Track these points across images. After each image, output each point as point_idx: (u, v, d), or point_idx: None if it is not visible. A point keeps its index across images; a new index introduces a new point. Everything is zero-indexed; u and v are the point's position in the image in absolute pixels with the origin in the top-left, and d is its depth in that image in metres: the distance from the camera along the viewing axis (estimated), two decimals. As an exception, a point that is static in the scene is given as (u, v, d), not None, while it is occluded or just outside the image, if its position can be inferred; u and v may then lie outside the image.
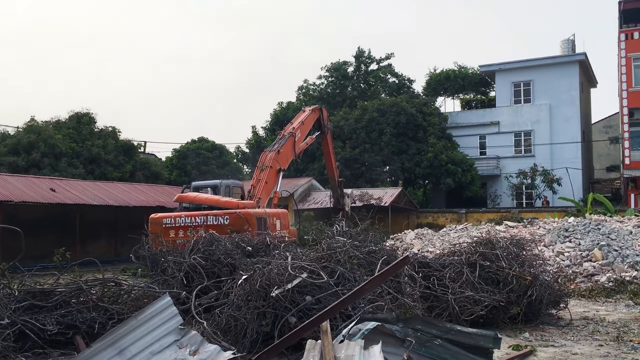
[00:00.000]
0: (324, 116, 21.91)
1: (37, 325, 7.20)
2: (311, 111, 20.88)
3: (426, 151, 34.46)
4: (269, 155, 17.70)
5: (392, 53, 42.78)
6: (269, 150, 18.13)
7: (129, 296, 8.35)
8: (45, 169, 26.77)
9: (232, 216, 14.25)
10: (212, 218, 14.29)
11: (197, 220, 14.37)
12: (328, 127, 22.44)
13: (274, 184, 17.62)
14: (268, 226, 14.72)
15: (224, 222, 14.10)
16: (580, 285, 12.80)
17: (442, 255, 9.64)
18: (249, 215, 14.32)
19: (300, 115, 20.76)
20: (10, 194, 20.26)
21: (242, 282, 7.39)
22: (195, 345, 5.77)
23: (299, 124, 19.76)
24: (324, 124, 21.80)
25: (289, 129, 19.43)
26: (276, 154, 17.77)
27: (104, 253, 24.71)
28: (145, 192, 27.07)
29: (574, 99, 37.07)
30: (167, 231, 14.35)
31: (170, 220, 14.64)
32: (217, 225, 13.95)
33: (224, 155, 39.96)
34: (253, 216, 14.41)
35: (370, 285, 5.91)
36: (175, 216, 14.77)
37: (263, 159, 17.78)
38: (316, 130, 21.37)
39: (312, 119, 20.85)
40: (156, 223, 14.76)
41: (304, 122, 20.10)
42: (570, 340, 7.86)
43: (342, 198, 23.56)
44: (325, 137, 22.28)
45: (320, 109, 21.99)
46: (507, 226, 18.85)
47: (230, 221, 14.08)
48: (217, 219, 14.22)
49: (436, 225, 29.02)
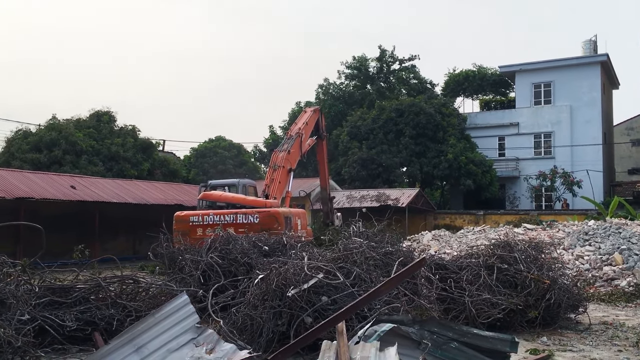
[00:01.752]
0: (322, 119, 21.87)
1: (57, 321, 7.28)
2: (312, 112, 20.95)
3: (445, 152, 34.23)
4: (281, 155, 17.88)
5: (416, 55, 42.34)
6: (280, 150, 18.30)
7: (146, 294, 8.42)
8: (66, 165, 27.15)
9: (262, 215, 14.35)
10: (241, 217, 14.35)
11: (227, 218, 14.43)
12: (324, 133, 22.33)
13: (286, 184, 17.81)
14: (292, 225, 14.82)
15: (254, 221, 14.18)
16: (599, 290, 12.63)
17: (459, 257, 9.57)
18: (278, 214, 14.42)
19: (304, 115, 20.82)
20: (31, 190, 20.56)
21: (259, 281, 7.41)
22: (212, 343, 5.80)
23: (304, 124, 19.84)
24: (321, 128, 21.71)
25: (295, 129, 19.59)
26: (287, 154, 17.95)
27: (122, 250, 24.96)
28: (164, 190, 27.30)
29: (595, 100, 36.60)
30: (195, 229, 14.41)
31: (197, 218, 14.68)
32: (247, 223, 14.07)
33: (242, 154, 40.14)
34: (282, 215, 14.50)
35: (386, 287, 5.90)
36: (203, 214, 14.81)
37: (274, 159, 17.97)
38: (314, 134, 21.12)
39: (314, 120, 20.89)
40: (182, 221, 14.80)
41: (308, 122, 20.16)
42: (589, 345, 7.76)
43: (332, 213, 22.70)
44: (321, 143, 22.07)
45: (320, 110, 21.98)
46: (526, 229, 18.66)
47: (260, 220, 14.18)
48: (247, 218, 14.31)
49: (453, 227, 28.85)
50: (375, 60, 42.35)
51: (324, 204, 22.73)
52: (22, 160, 26.96)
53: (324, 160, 22.70)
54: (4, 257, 7.65)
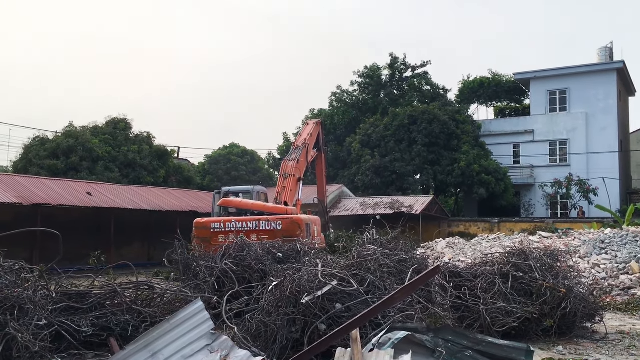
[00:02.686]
0: (322, 133, 22.30)
1: (73, 326, 7.33)
2: (315, 124, 21.46)
3: (459, 160, 34.10)
4: (290, 164, 18.46)
5: (428, 61, 42.22)
6: (289, 159, 18.89)
7: (161, 300, 8.46)
8: (83, 172, 27.43)
9: (285, 222, 14.44)
10: (264, 223, 14.44)
11: (249, 225, 14.50)
12: (324, 146, 22.79)
13: (296, 192, 18.20)
14: (310, 232, 14.91)
15: (276, 228, 14.28)
16: (616, 299, 12.49)
17: (473, 265, 9.52)
18: (300, 221, 14.51)
19: (307, 127, 21.37)
20: (48, 197, 20.80)
21: (273, 288, 7.43)
22: (226, 350, 5.82)
23: (308, 135, 20.40)
24: (322, 140, 22.17)
25: (300, 140, 20.14)
26: (296, 163, 18.47)
27: (137, 256, 25.11)
28: (178, 197, 27.46)
29: (611, 107, 36.29)
30: (216, 236, 14.46)
31: (219, 224, 14.77)
32: (269, 230, 14.17)
33: (255, 161, 40.24)
34: (304, 222, 14.57)
35: (400, 294, 5.89)
36: (225, 221, 14.88)
37: (285, 167, 18.56)
38: (314, 147, 21.35)
39: (317, 131, 21.39)
40: (203, 227, 14.87)
41: (312, 134, 20.71)
42: (605, 354, 7.68)
43: (327, 225, 22.56)
44: (320, 156, 22.42)
45: (322, 123, 22.46)
46: (541, 237, 18.53)
47: (283, 227, 14.27)
48: (269, 224, 14.39)
49: (468, 235, 28.70)
50: (387, 67, 42.32)
51: (322, 216, 22.61)
52: (39, 167, 27.27)
53: (322, 173, 23.22)
54: (22, 262, 7.74)
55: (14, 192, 19.94)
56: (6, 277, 5.90)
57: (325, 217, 22.70)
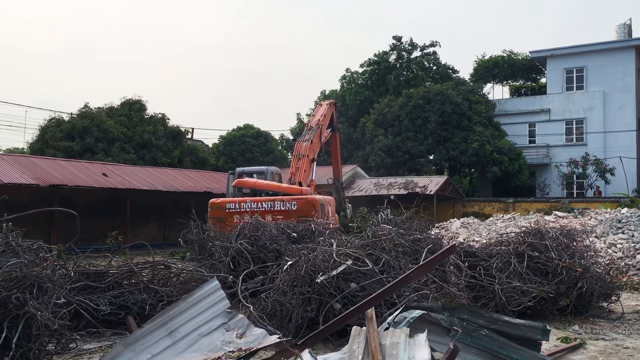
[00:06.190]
0: (335, 113, 22.27)
1: (91, 305, 7.45)
2: (328, 105, 21.41)
3: (472, 140, 33.82)
4: (304, 145, 18.40)
5: (437, 41, 41.73)
6: (302, 140, 18.83)
7: (177, 279, 8.55)
8: (98, 153, 27.59)
9: (300, 202, 14.46)
10: (279, 204, 14.46)
11: (264, 205, 14.55)
12: (338, 126, 22.76)
13: (310, 172, 18.20)
14: (325, 212, 14.94)
15: (292, 208, 14.30)
16: (633, 278, 12.41)
17: (488, 245, 9.49)
18: (315, 201, 14.53)
19: (320, 108, 21.31)
20: (64, 178, 20.99)
21: (288, 267, 7.46)
22: (242, 328, 5.87)
23: (322, 116, 20.32)
24: (335, 121, 22.15)
25: (314, 121, 20.12)
26: (310, 144, 18.42)
27: (152, 237, 25.38)
28: (193, 178, 27.60)
29: (630, 85, 35.70)
30: (231, 216, 14.52)
31: (234, 205, 14.79)
32: (285, 210, 14.20)
33: (269, 142, 40.23)
34: (319, 202, 14.60)
35: (415, 274, 5.88)
36: (240, 201, 14.90)
37: (298, 148, 18.54)
38: (328, 127, 21.44)
39: (330, 112, 21.34)
40: (218, 208, 14.92)
41: (325, 115, 20.64)
42: (622, 334, 7.65)
43: (344, 202, 23.03)
44: (335, 135, 22.45)
45: (335, 104, 22.40)
46: (557, 216, 18.42)
47: (298, 207, 14.29)
48: (284, 205, 14.42)
49: (482, 215, 28.57)
50: (391, 50, 41.95)
51: (337, 193, 23.07)
52: (55, 149, 27.48)
53: (337, 153, 23.26)
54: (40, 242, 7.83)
55: (31, 174, 20.15)
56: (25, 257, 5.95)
57: (341, 196, 22.83)
